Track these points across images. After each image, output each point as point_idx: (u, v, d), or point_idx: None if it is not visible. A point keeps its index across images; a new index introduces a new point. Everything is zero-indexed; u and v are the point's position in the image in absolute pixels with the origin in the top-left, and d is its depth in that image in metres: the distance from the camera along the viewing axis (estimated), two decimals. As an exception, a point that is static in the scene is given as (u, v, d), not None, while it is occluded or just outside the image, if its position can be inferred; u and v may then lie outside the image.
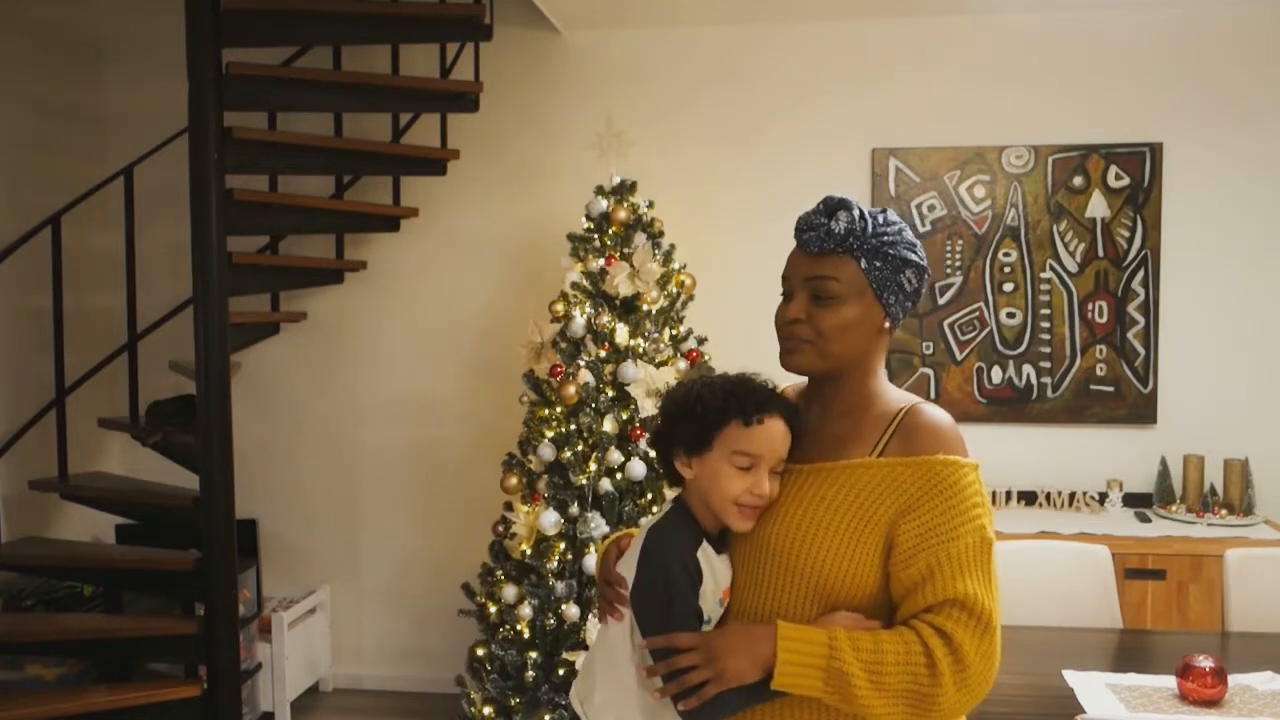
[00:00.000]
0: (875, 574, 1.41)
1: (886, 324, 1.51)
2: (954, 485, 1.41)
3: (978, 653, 1.37)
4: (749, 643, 1.37)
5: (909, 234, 1.53)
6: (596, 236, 3.48)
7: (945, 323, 3.97)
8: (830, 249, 1.49)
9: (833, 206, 1.52)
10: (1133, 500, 3.85)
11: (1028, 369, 3.94)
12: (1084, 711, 2.04)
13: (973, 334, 3.96)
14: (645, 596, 1.48)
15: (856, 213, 1.50)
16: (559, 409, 3.35)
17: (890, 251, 1.49)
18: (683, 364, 3.40)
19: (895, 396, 1.53)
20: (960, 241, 3.94)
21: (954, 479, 1.41)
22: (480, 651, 3.40)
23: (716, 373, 1.59)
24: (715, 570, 1.50)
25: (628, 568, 1.53)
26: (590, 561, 3.21)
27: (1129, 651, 2.58)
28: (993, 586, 1.41)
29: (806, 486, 1.48)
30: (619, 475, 3.28)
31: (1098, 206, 3.89)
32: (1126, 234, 3.88)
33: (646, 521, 1.59)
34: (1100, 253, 3.89)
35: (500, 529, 3.41)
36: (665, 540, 1.50)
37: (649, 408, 3.28)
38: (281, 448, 4.32)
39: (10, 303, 3.81)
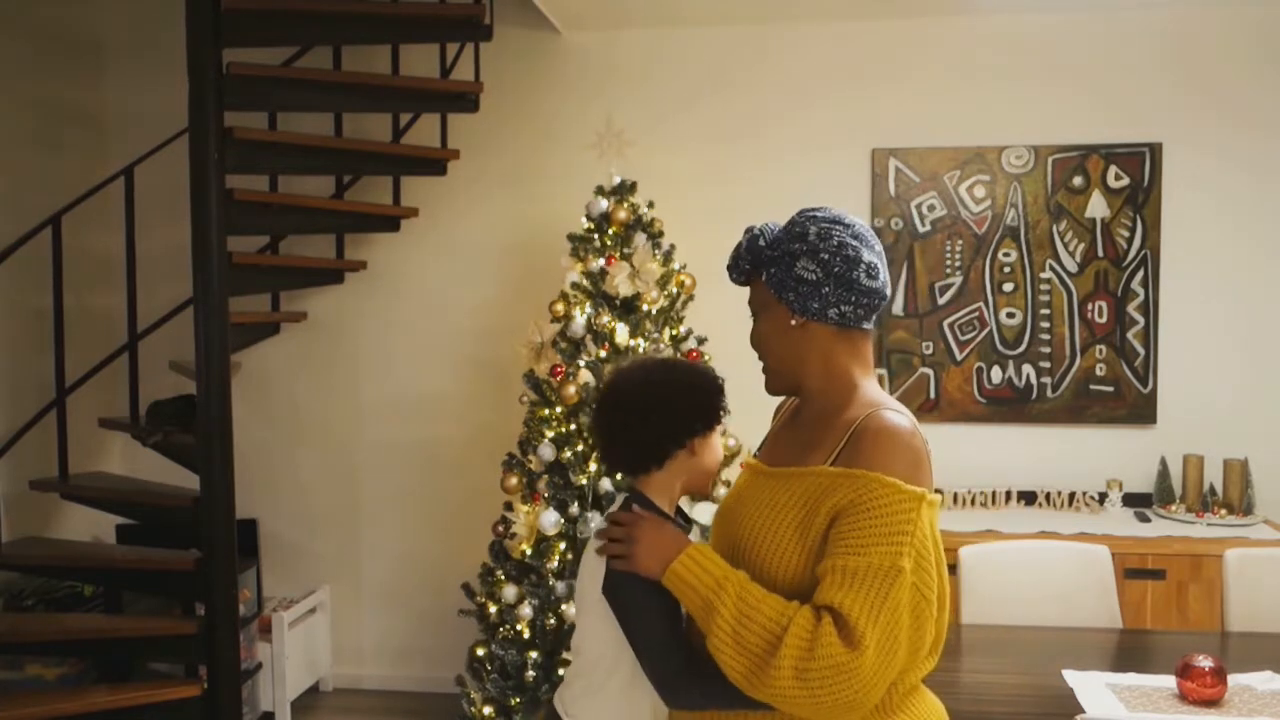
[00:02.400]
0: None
1: (794, 320, 1.51)
2: (879, 505, 1.36)
3: (828, 659, 1.30)
4: (664, 543, 1.47)
5: (810, 224, 1.52)
6: (596, 236, 3.49)
7: (945, 323, 3.97)
8: (745, 277, 1.60)
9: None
10: (1132, 500, 3.85)
11: (1028, 369, 3.94)
12: (1084, 711, 2.04)
13: (973, 334, 3.97)
14: (629, 590, 1.51)
15: (747, 237, 1.58)
16: (559, 409, 3.35)
17: (778, 253, 1.53)
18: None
19: (865, 402, 1.50)
20: (960, 241, 3.94)
21: (881, 498, 1.36)
22: (480, 651, 3.40)
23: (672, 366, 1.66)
24: None
25: (592, 574, 1.56)
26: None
27: (1129, 651, 2.58)
28: (885, 616, 1.31)
29: (766, 489, 1.52)
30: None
31: (1097, 206, 3.89)
32: (1126, 234, 3.88)
33: (598, 524, 1.62)
34: (1100, 253, 3.89)
35: (500, 529, 3.42)
36: None
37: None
38: (281, 448, 4.32)
39: (10, 303, 3.81)
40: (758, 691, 1.35)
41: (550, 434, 3.35)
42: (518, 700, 3.26)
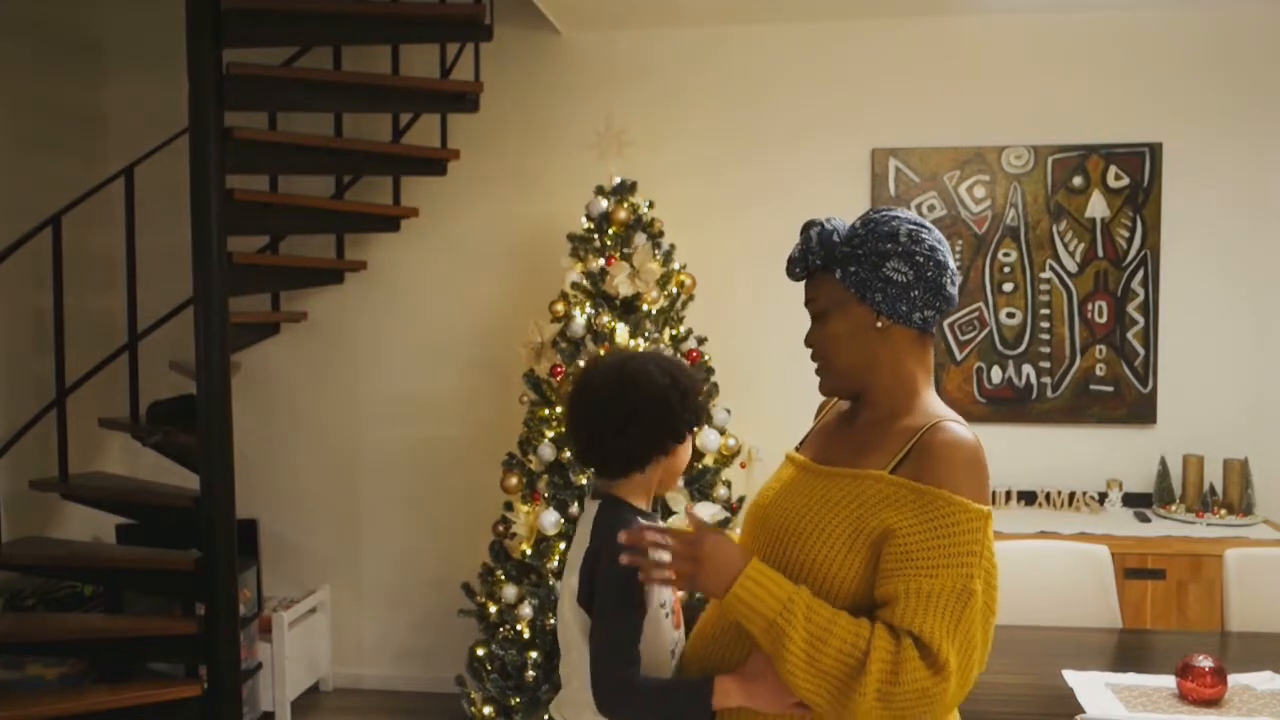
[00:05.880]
0: (863, 584, 1.40)
1: (880, 323, 1.47)
2: (950, 525, 1.35)
3: (914, 684, 1.31)
4: (727, 563, 1.39)
5: (898, 224, 1.47)
6: (596, 236, 3.49)
7: (945, 323, 3.97)
8: (808, 271, 1.53)
9: (804, 229, 1.53)
10: (1132, 500, 3.85)
11: (1027, 369, 3.94)
12: (1084, 711, 2.04)
13: (972, 334, 3.97)
14: (606, 594, 1.48)
15: (817, 230, 1.51)
16: (559, 409, 3.35)
17: (862, 251, 1.47)
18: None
19: (929, 411, 1.48)
20: (960, 241, 3.94)
21: (952, 518, 1.35)
22: (480, 651, 3.40)
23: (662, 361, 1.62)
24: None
25: (571, 570, 1.54)
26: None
27: (1129, 651, 2.58)
28: (960, 638, 1.33)
29: (817, 485, 1.49)
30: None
31: (1097, 206, 3.89)
32: (1126, 234, 3.88)
33: (583, 525, 1.58)
34: (1100, 253, 3.89)
35: (500, 529, 3.42)
36: (615, 536, 1.50)
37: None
38: (281, 448, 4.32)
39: (10, 303, 3.80)
40: (837, 713, 1.34)
41: (550, 434, 3.35)
42: (518, 700, 3.26)
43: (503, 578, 3.39)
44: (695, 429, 1.59)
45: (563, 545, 3.28)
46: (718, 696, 1.42)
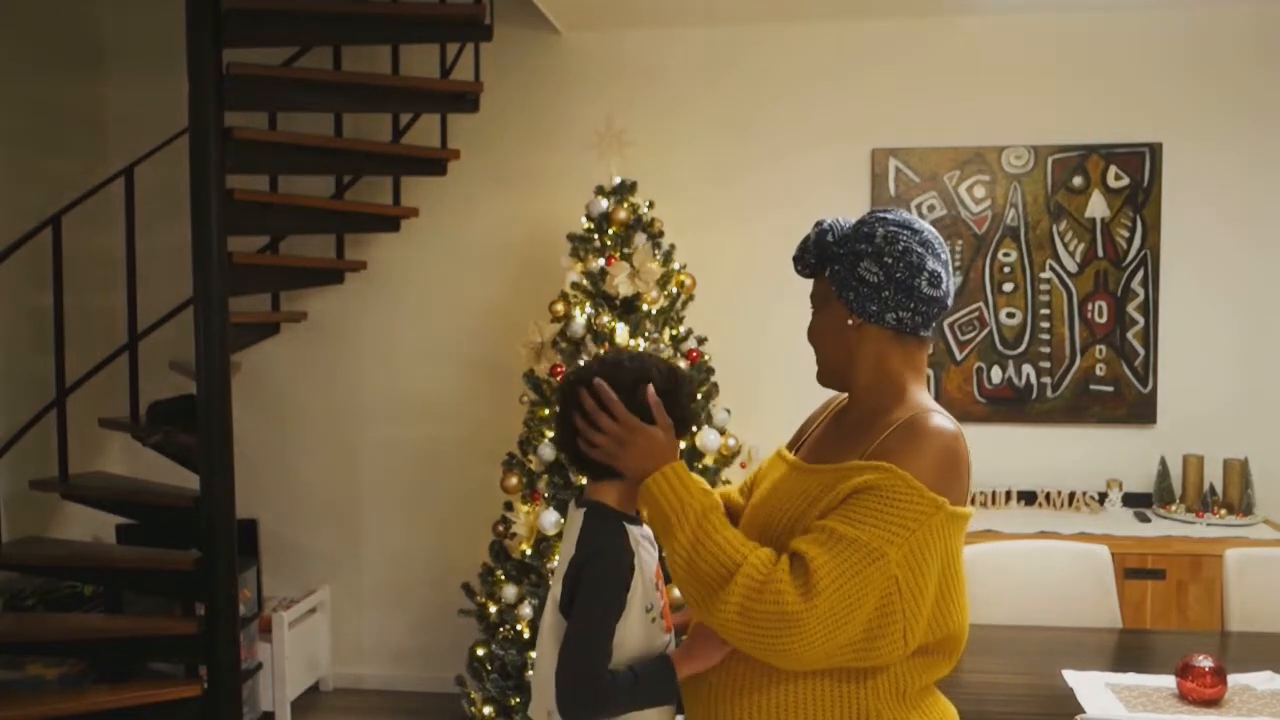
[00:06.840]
0: None
1: (851, 320, 1.51)
2: (893, 496, 1.34)
3: (776, 605, 1.30)
4: (652, 454, 1.47)
5: (879, 226, 1.50)
6: (596, 236, 3.49)
7: (945, 323, 3.97)
8: (810, 270, 1.58)
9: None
10: (1132, 500, 3.85)
11: (1027, 369, 3.94)
12: (1084, 711, 2.04)
13: (972, 334, 3.97)
14: (585, 598, 1.46)
15: (817, 229, 1.56)
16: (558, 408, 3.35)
17: (843, 251, 1.52)
18: (683, 364, 3.40)
19: (912, 405, 1.48)
20: (960, 241, 3.94)
21: (897, 492, 1.35)
22: (480, 651, 3.40)
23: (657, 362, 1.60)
24: (643, 547, 1.53)
25: (557, 580, 1.52)
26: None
27: (1129, 651, 2.58)
28: (844, 585, 1.30)
29: (800, 483, 1.51)
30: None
31: (1097, 206, 3.89)
32: (1126, 234, 3.88)
33: (568, 534, 1.55)
34: (1100, 253, 3.89)
35: (500, 529, 3.42)
36: (606, 554, 1.48)
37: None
38: (281, 448, 4.32)
39: (10, 303, 3.81)
40: (705, 619, 1.39)
41: (550, 434, 3.35)
42: (518, 700, 3.26)
43: (503, 578, 3.39)
44: (685, 433, 1.58)
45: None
46: (679, 670, 1.49)
